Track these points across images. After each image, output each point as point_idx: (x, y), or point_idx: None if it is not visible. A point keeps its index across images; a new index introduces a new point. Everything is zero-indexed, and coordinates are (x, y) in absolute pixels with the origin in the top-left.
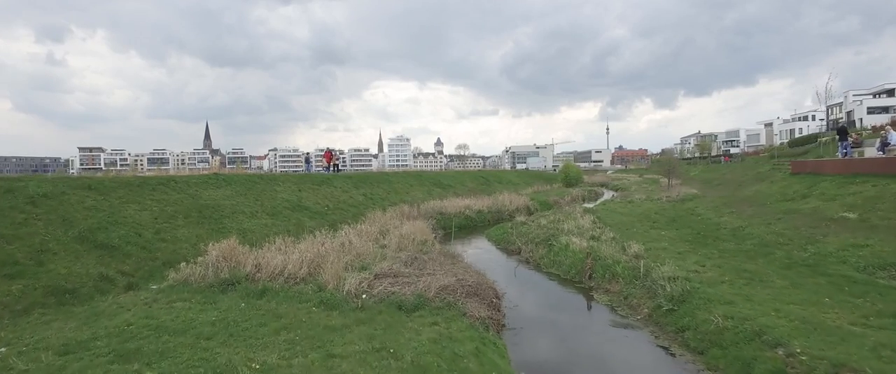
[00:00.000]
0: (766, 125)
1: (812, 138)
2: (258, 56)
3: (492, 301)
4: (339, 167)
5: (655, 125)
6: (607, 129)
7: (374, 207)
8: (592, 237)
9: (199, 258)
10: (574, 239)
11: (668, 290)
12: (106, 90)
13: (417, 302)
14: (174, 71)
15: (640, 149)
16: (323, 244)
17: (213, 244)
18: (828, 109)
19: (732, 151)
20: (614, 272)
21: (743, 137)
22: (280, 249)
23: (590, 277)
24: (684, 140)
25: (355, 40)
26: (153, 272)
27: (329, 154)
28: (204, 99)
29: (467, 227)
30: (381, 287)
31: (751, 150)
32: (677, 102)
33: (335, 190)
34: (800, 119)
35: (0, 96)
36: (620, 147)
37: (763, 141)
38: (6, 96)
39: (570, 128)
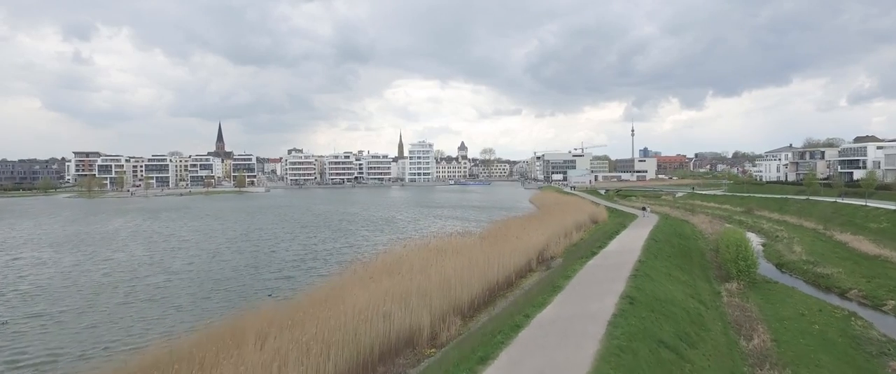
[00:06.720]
0: None
1: None
2: (281, 54)
3: None
4: None
5: (681, 126)
6: (632, 130)
7: None
8: None
9: None
10: None
11: None
12: (130, 88)
13: None
14: (197, 69)
15: (678, 155)
16: None
17: None
18: None
19: (855, 173)
20: None
21: (873, 155)
22: None
23: None
24: (771, 154)
25: (379, 38)
26: None
27: None
28: (226, 97)
29: None
30: None
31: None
32: (705, 102)
33: None
34: None
35: (30, 95)
36: (645, 149)
37: None
38: (35, 95)
39: (592, 128)
